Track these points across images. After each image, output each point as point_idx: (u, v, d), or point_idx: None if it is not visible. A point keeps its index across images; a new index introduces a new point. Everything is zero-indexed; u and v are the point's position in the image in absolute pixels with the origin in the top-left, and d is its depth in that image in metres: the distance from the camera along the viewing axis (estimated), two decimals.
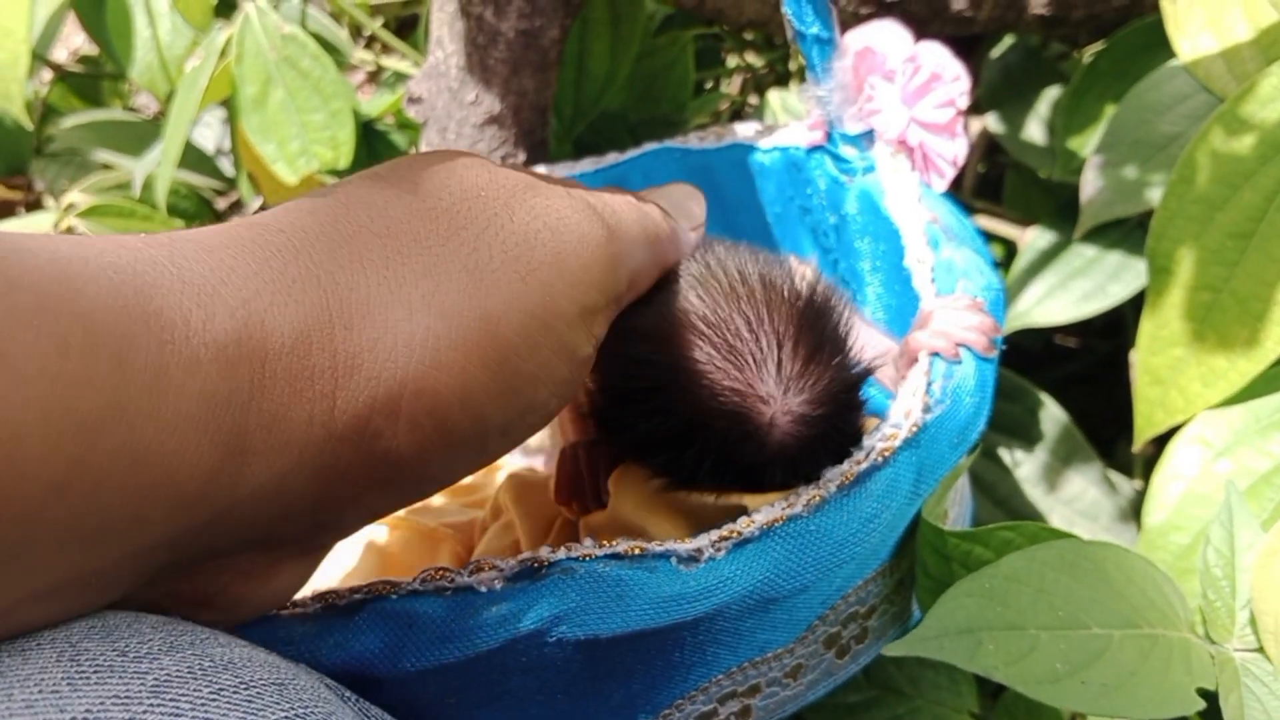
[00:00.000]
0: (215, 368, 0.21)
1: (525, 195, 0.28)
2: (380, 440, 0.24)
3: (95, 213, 0.57)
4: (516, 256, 0.27)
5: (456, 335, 0.25)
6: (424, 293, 0.25)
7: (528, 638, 0.27)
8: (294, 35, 0.56)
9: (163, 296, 0.21)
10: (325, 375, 0.23)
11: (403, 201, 0.27)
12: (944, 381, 0.33)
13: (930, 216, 0.38)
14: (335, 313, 0.24)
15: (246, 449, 0.22)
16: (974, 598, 0.31)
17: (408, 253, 0.25)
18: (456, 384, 0.25)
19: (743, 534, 0.29)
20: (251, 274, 0.23)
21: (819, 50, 0.39)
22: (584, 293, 0.28)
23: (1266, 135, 0.38)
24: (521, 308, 0.26)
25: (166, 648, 0.20)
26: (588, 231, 0.28)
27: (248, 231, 0.24)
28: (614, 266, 0.29)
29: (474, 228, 0.27)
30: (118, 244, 0.22)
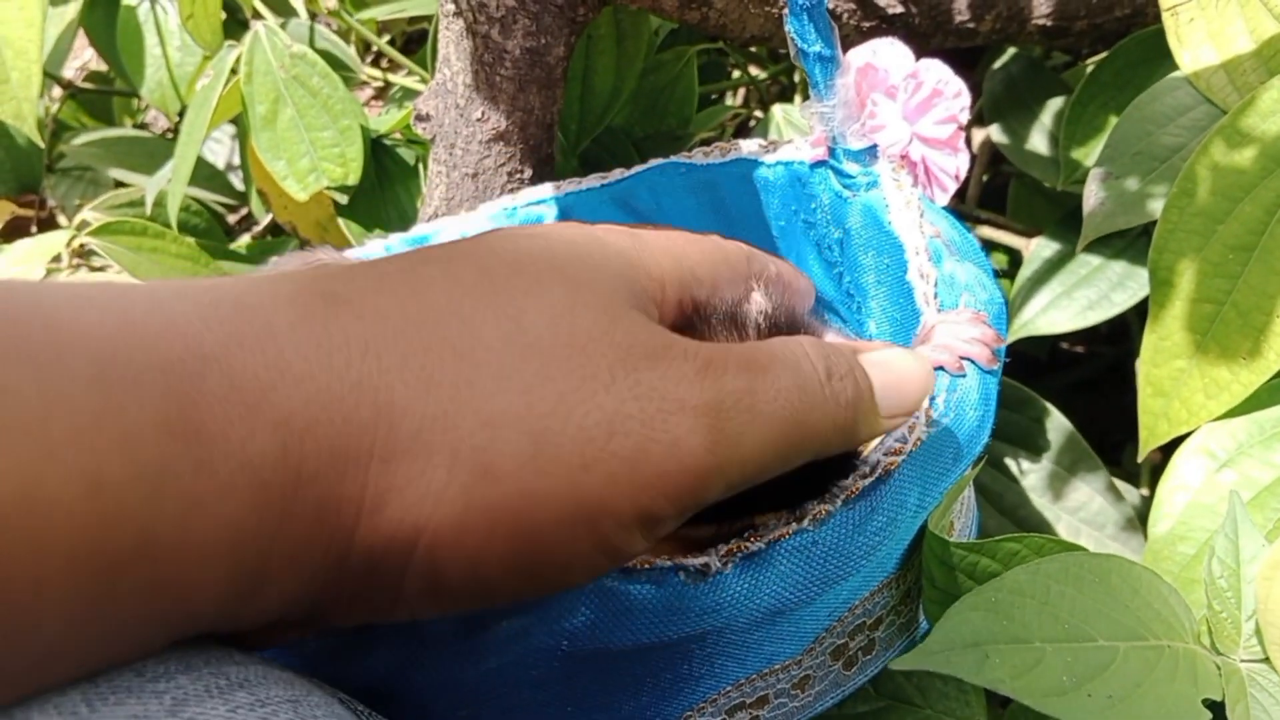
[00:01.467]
0: (248, 493, 0.20)
1: (638, 364, 0.24)
2: (387, 577, 0.23)
3: (108, 231, 0.58)
4: (590, 439, 0.23)
5: (490, 503, 0.22)
6: (477, 444, 0.22)
7: (538, 652, 0.28)
8: (303, 54, 0.57)
9: (208, 407, 0.20)
10: (351, 508, 0.21)
11: (501, 325, 0.24)
12: (947, 395, 0.33)
13: (933, 231, 0.39)
14: (379, 440, 0.22)
15: (264, 579, 0.21)
16: (979, 611, 0.31)
17: (480, 390, 0.23)
18: (472, 551, 0.23)
19: (750, 549, 0.29)
20: (306, 376, 0.21)
21: (821, 68, 0.40)
22: (650, 500, 0.24)
23: (1267, 149, 0.38)
24: (571, 497, 0.23)
25: (183, 667, 0.20)
26: (686, 438, 0.24)
27: (324, 308, 0.22)
28: (703, 482, 0.25)
29: (563, 384, 0.23)
30: (172, 327, 0.20)
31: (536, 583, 0.24)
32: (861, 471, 0.31)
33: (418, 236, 0.47)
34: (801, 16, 0.38)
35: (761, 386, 0.26)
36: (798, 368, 0.27)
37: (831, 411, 0.27)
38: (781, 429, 0.26)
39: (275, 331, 0.21)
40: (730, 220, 0.48)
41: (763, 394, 0.26)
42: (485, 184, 0.53)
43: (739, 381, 0.25)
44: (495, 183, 0.53)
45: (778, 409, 0.26)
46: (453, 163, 0.53)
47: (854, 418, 0.28)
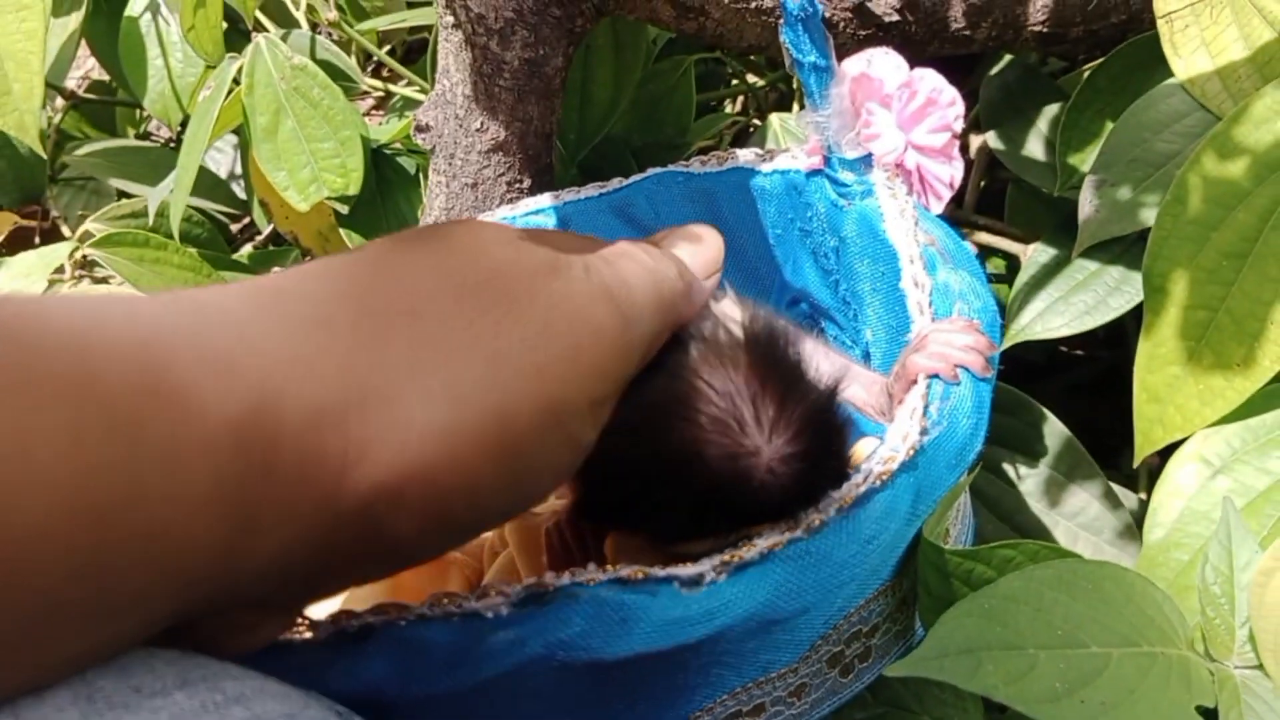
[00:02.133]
0: (229, 447, 0.21)
1: (546, 279, 0.28)
2: (382, 524, 0.24)
3: (110, 242, 0.58)
4: (534, 348, 0.26)
5: (469, 428, 0.25)
6: (443, 381, 0.25)
7: (534, 662, 0.28)
8: (303, 66, 0.57)
9: (180, 370, 0.21)
10: (335, 459, 0.23)
11: (431, 277, 0.27)
12: (941, 403, 0.33)
13: (927, 239, 0.39)
14: (352, 394, 0.23)
15: (255, 529, 0.22)
16: (973, 618, 0.31)
17: (431, 335, 0.25)
18: (463, 477, 0.25)
19: (744, 558, 0.30)
20: (271, 347, 0.23)
21: (817, 78, 0.40)
22: (595, 385, 0.28)
23: (1260, 157, 0.38)
24: (535, 404, 0.26)
25: (180, 683, 0.20)
26: (603, 323, 0.28)
27: (273, 299, 0.24)
28: (626, 355, 0.29)
29: (496, 312, 0.26)
30: (136, 312, 0.22)
31: (522, 491, 0.27)
32: (855, 480, 0.31)
33: None
34: (797, 27, 0.39)
35: (624, 272, 0.30)
36: (634, 256, 0.32)
37: (672, 282, 0.32)
38: (653, 299, 0.30)
39: (236, 319, 0.23)
40: (727, 228, 0.48)
41: (628, 276, 0.30)
42: (485, 194, 0.53)
43: (610, 272, 0.30)
44: (495, 192, 0.53)
45: (643, 285, 0.30)
46: (452, 172, 0.53)
47: (686, 285, 0.33)
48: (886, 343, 0.43)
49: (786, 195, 0.46)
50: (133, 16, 0.67)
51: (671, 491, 0.31)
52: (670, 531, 0.32)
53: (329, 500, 0.23)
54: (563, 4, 0.50)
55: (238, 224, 0.79)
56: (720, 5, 0.52)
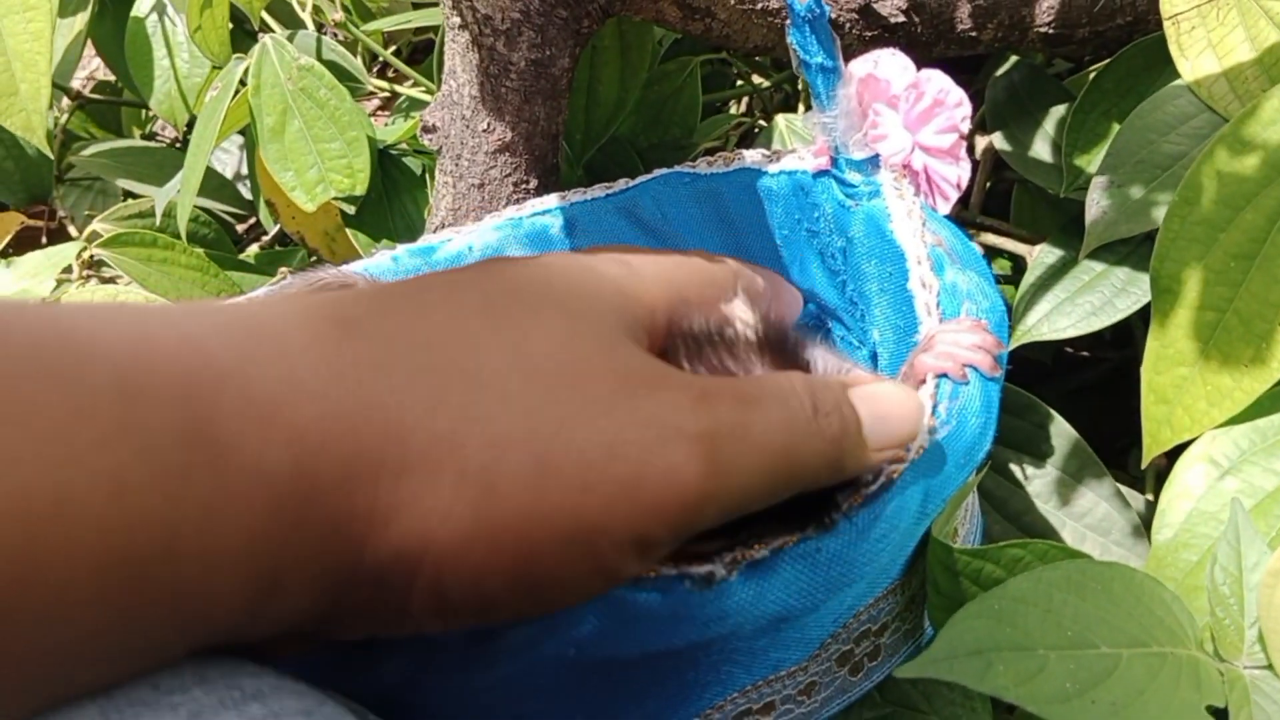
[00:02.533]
0: (264, 504, 0.20)
1: (637, 392, 0.25)
2: (392, 592, 0.23)
3: (117, 243, 0.58)
4: (591, 463, 0.24)
5: (495, 521, 0.23)
6: (483, 464, 0.23)
7: (546, 660, 0.28)
8: (310, 66, 0.57)
9: (224, 421, 0.20)
10: (361, 522, 0.22)
11: (504, 350, 0.24)
12: (949, 403, 0.33)
13: (935, 240, 0.39)
14: (390, 456, 0.22)
15: (277, 588, 0.21)
16: (983, 619, 0.31)
17: (485, 411, 0.23)
18: (475, 569, 0.23)
19: (754, 557, 0.30)
20: (318, 393, 0.22)
21: (824, 79, 0.40)
22: (646, 524, 0.25)
23: (1269, 157, 0.38)
24: (572, 519, 0.24)
25: (198, 679, 0.21)
26: (682, 463, 0.25)
27: (336, 331, 0.23)
28: (697, 508, 0.25)
29: (566, 408, 0.24)
30: (187, 343, 0.21)
31: (536, 601, 0.25)
32: (865, 479, 0.31)
33: (424, 247, 0.48)
34: (804, 28, 0.39)
35: (753, 419, 0.26)
36: (786, 402, 0.27)
37: (818, 446, 0.28)
38: (771, 460, 0.27)
39: (288, 351, 0.22)
40: (734, 229, 0.48)
41: (755, 426, 0.26)
42: (491, 194, 0.53)
43: (733, 413, 0.26)
44: (501, 193, 0.53)
45: (768, 441, 0.26)
46: (459, 173, 0.53)
47: (840, 452, 0.28)
48: (894, 343, 0.43)
49: (793, 196, 0.46)
50: (139, 17, 0.67)
51: None
52: None
53: (350, 560, 0.22)
54: (569, 5, 0.50)
55: (244, 224, 0.79)
56: (727, 6, 0.52)
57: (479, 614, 0.25)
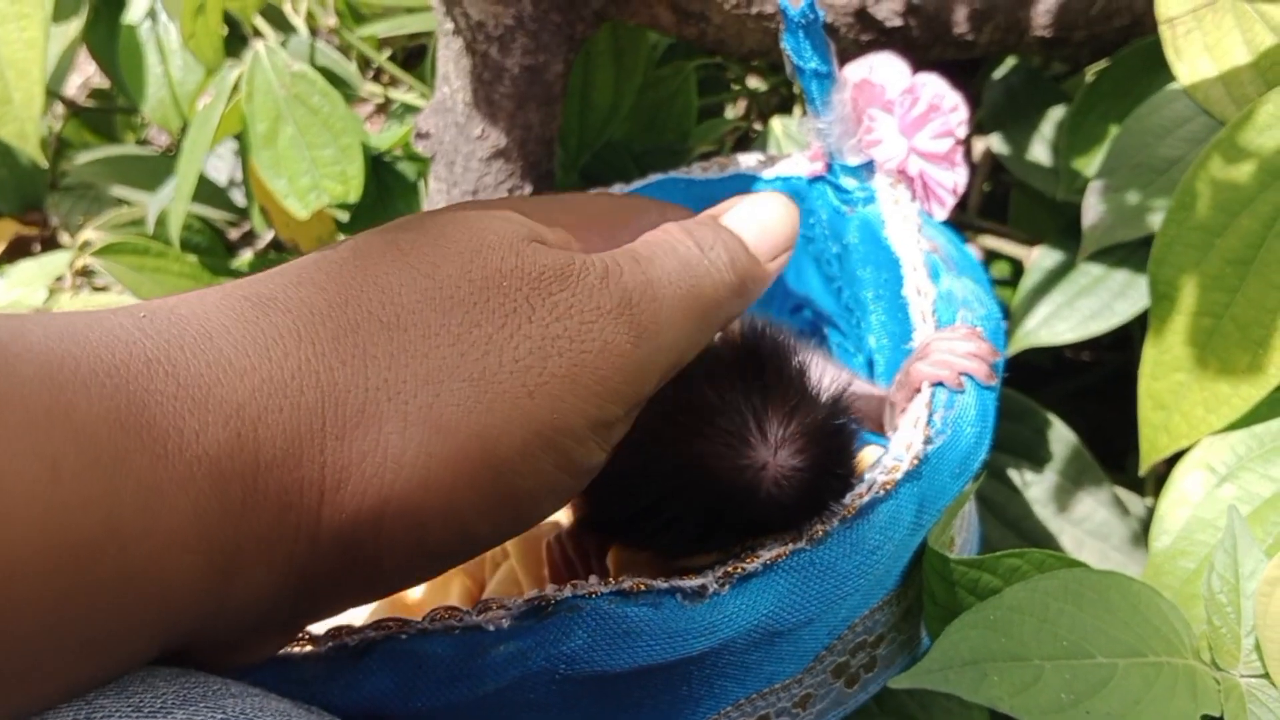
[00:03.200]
0: (208, 483, 0.21)
1: (550, 288, 0.26)
2: (362, 551, 0.23)
3: (110, 250, 0.58)
4: (527, 367, 0.24)
5: (449, 453, 0.23)
6: (423, 403, 0.23)
7: (536, 675, 0.28)
8: (303, 73, 0.57)
9: (157, 404, 0.21)
10: (313, 488, 0.22)
11: (418, 285, 0.25)
12: (945, 412, 0.33)
13: (930, 246, 0.39)
14: (329, 419, 0.23)
15: (236, 566, 0.21)
16: (978, 629, 0.31)
17: (414, 351, 0.24)
18: (443, 503, 0.23)
19: (747, 569, 0.29)
20: (249, 369, 0.22)
21: (818, 84, 0.40)
22: (598, 406, 0.26)
23: (1265, 162, 0.38)
24: (524, 425, 0.24)
25: (180, 701, 0.20)
26: (612, 339, 0.26)
27: (253, 310, 0.23)
28: (639, 374, 0.26)
29: (488, 326, 0.25)
30: (112, 336, 0.21)
31: (513, 516, 0.25)
32: (859, 490, 0.31)
33: None
34: (798, 33, 0.39)
35: (654, 275, 0.28)
36: (674, 249, 0.29)
37: (718, 277, 0.29)
38: (685, 305, 0.28)
39: (211, 333, 0.22)
40: None
41: (657, 280, 0.27)
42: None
43: (637, 276, 0.27)
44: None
45: (675, 290, 0.28)
46: (453, 180, 0.53)
47: (739, 275, 0.30)
48: (890, 350, 0.42)
49: None
50: (132, 24, 0.67)
51: (678, 504, 0.30)
52: (675, 544, 0.32)
53: (308, 530, 0.22)
54: (563, 10, 0.50)
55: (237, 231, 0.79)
56: (721, 11, 0.51)
57: (460, 548, 0.25)
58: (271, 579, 0.22)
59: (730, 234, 0.30)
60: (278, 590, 0.23)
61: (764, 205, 0.32)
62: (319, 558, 0.23)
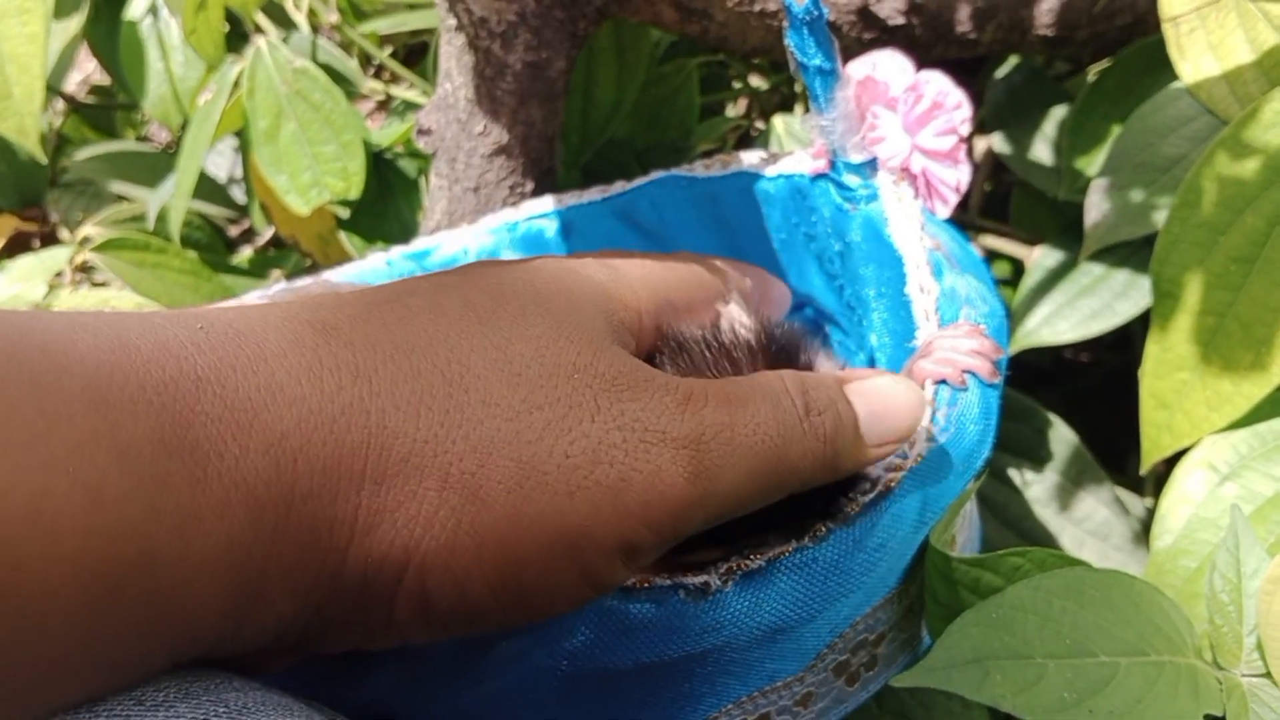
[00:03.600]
0: (243, 511, 0.20)
1: (622, 395, 0.25)
2: (378, 602, 0.23)
3: (110, 247, 0.58)
4: (575, 466, 0.24)
5: (478, 528, 0.23)
6: (465, 469, 0.23)
7: (538, 673, 0.28)
8: (305, 69, 0.57)
9: (201, 425, 0.20)
10: (344, 528, 0.22)
11: (488, 356, 0.24)
12: (948, 409, 0.33)
13: (933, 244, 0.39)
14: (371, 461, 0.22)
15: (259, 594, 0.21)
16: (980, 627, 0.31)
17: (470, 416, 0.23)
18: (459, 575, 0.23)
19: (749, 567, 0.29)
20: (299, 397, 0.22)
21: (821, 81, 0.40)
22: (633, 529, 0.25)
23: (1269, 160, 0.38)
24: (556, 523, 0.23)
25: (182, 695, 0.20)
26: (666, 467, 0.25)
27: (314, 336, 0.23)
28: (685, 512, 0.25)
29: (549, 412, 0.24)
30: (164, 349, 0.21)
31: (522, 608, 0.25)
32: (862, 488, 0.31)
33: (419, 250, 0.47)
34: (801, 30, 0.38)
35: (740, 420, 0.26)
36: (777, 402, 0.27)
37: (810, 446, 0.27)
38: (760, 462, 0.26)
39: (266, 356, 0.22)
40: (732, 232, 0.48)
41: (741, 428, 0.26)
42: (487, 197, 0.53)
43: (719, 415, 0.26)
44: (497, 196, 0.53)
45: (756, 443, 0.26)
46: (454, 176, 0.53)
47: (835, 450, 0.28)
48: (892, 348, 0.42)
49: (791, 199, 0.45)
50: (133, 20, 0.67)
51: None
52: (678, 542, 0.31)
53: (333, 568, 0.22)
54: (566, 7, 0.50)
55: (237, 227, 0.79)
56: (724, 8, 0.51)
57: (465, 623, 0.24)
58: (290, 609, 0.22)
59: (846, 404, 0.29)
60: (293, 620, 0.23)
61: (892, 391, 0.30)
62: (338, 597, 0.23)
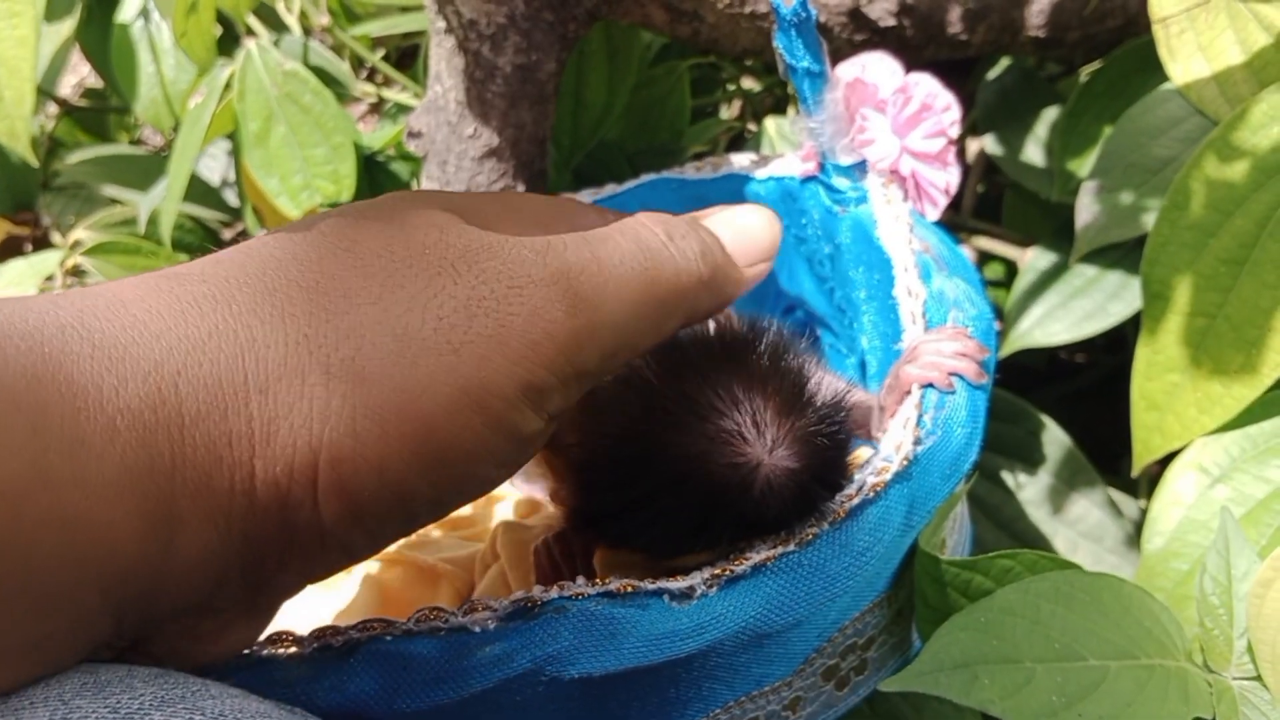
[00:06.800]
0: (133, 435, 0.21)
1: (478, 258, 0.26)
2: (301, 511, 0.23)
3: (101, 250, 0.58)
4: (451, 325, 0.24)
5: (375, 404, 0.23)
6: (344, 356, 0.23)
7: (522, 677, 0.28)
8: (295, 72, 0.57)
9: (73, 363, 0.21)
10: (243, 441, 0.22)
11: (338, 256, 0.25)
12: (935, 412, 0.33)
13: (922, 246, 0.38)
14: (250, 373, 0.23)
15: (174, 519, 0.22)
16: (969, 631, 0.31)
17: (334, 310, 0.24)
18: (372, 456, 0.23)
19: (735, 571, 0.29)
20: (164, 330, 0.22)
21: (810, 83, 0.39)
22: (527, 369, 0.25)
23: (1258, 162, 0.38)
24: (449, 380, 0.24)
25: (158, 702, 0.20)
26: (542, 305, 0.25)
27: (168, 282, 0.24)
28: (573, 344, 0.26)
29: (411, 287, 0.25)
30: (24, 307, 0.22)
31: (448, 478, 0.25)
32: (848, 492, 0.31)
33: None
34: (790, 32, 0.38)
35: (604, 253, 0.27)
36: (637, 234, 0.28)
37: (682, 265, 0.29)
38: (636, 288, 0.27)
39: (125, 301, 0.23)
40: None
41: (607, 259, 0.27)
42: None
43: (581, 252, 0.27)
44: None
45: (625, 270, 0.27)
46: (445, 179, 0.53)
47: (709, 269, 0.29)
48: (882, 351, 0.42)
49: (781, 202, 0.45)
50: (124, 23, 0.67)
51: (669, 498, 0.30)
52: (664, 542, 0.31)
53: (244, 485, 0.23)
54: (555, 9, 0.49)
55: (230, 230, 0.79)
56: (714, 10, 0.51)
57: (397, 511, 0.25)
58: (214, 536, 0.22)
59: (707, 231, 0.30)
60: (223, 551, 0.23)
61: (745, 213, 0.32)
62: (259, 517, 0.23)
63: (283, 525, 0.23)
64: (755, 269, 0.31)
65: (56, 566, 0.20)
